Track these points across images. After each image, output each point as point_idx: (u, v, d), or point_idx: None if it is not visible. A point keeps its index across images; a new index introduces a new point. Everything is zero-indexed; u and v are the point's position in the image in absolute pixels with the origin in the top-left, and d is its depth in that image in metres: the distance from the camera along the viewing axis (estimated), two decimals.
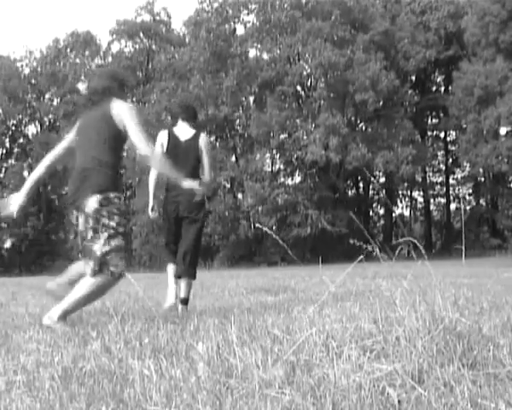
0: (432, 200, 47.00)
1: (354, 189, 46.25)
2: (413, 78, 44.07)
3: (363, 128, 42.44)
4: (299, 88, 41.49)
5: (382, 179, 43.80)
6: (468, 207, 43.80)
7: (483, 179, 42.77)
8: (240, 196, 41.14)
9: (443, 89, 45.14)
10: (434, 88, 45.77)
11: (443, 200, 46.42)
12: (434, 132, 46.34)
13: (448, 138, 45.34)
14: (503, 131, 37.13)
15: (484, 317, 2.87)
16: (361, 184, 45.76)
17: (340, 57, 37.30)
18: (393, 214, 44.94)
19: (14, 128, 48.58)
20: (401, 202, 46.99)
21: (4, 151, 48.99)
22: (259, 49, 41.23)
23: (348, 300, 4.72)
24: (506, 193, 41.45)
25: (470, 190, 45.62)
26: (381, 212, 47.20)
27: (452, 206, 45.79)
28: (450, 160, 45.43)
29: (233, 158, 42.01)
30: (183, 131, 5.54)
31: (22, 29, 77.17)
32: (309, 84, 41.01)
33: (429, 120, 46.19)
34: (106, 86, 4.12)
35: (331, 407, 1.77)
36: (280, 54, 40.18)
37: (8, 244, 46.59)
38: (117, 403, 1.99)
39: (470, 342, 2.12)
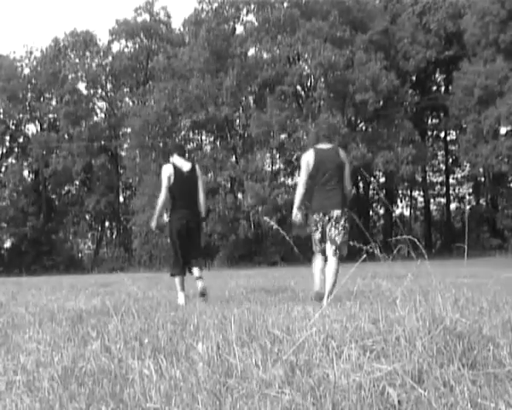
0: (432, 200, 47.02)
1: (354, 189, 46.18)
2: (413, 78, 44.02)
3: (363, 128, 42.42)
4: (299, 88, 41.45)
5: (382, 179, 43.78)
6: (468, 207, 43.82)
7: (483, 179, 42.77)
8: (240, 195, 41.07)
9: (443, 89, 45.10)
10: (434, 88, 45.73)
11: (443, 200, 46.43)
12: (434, 132, 46.34)
13: (448, 138, 45.36)
14: (503, 131, 37.15)
15: (484, 317, 2.87)
16: (361, 184, 45.73)
17: (340, 57, 37.27)
18: (393, 214, 44.93)
19: (14, 128, 48.57)
20: (401, 201, 47.06)
21: (4, 150, 49.01)
22: (259, 48, 41.17)
23: (348, 300, 4.72)
24: (506, 193, 41.43)
25: (470, 190, 45.64)
26: (381, 212, 47.22)
27: (452, 206, 45.85)
28: (450, 160, 45.45)
29: (233, 158, 41.95)
30: (183, 164, 6.72)
31: (22, 29, 77.17)
32: (309, 84, 40.98)
33: (429, 120, 46.17)
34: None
35: (331, 406, 1.77)
36: (280, 54, 40.13)
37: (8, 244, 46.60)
38: (117, 403, 1.99)
39: (470, 342, 2.12)
